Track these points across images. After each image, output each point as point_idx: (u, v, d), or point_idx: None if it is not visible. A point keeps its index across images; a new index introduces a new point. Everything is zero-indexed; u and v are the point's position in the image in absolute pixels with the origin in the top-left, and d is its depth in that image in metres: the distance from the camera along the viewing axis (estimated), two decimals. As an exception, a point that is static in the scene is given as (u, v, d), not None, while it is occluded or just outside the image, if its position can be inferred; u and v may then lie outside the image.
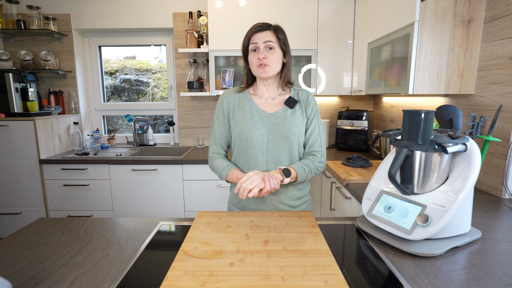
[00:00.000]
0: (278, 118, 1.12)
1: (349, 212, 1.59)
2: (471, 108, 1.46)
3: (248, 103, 1.15)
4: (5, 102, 2.35)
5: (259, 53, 1.09)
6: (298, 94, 1.18)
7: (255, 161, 1.12)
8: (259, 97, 1.18)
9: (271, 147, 1.12)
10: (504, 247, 0.83)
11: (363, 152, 2.47)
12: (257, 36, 1.09)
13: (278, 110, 1.14)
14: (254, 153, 1.12)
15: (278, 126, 1.11)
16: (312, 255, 0.75)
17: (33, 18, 2.54)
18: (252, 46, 1.10)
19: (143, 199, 2.34)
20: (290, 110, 1.14)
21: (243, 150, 1.14)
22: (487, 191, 1.35)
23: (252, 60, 1.11)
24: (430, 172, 0.84)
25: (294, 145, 1.13)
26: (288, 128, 1.11)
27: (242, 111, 1.15)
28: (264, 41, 1.08)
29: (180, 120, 2.86)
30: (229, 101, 1.17)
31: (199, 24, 2.50)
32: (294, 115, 1.13)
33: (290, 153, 1.13)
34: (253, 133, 1.11)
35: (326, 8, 2.33)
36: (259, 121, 1.12)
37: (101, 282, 0.68)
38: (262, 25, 1.10)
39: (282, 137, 1.11)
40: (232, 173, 1.12)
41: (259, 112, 1.14)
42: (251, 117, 1.13)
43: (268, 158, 1.12)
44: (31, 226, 0.99)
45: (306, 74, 2.42)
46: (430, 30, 1.41)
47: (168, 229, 0.97)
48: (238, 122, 1.14)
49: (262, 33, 1.09)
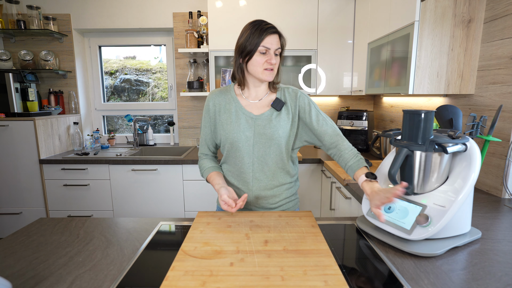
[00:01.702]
0: (264, 120, 1.10)
1: (349, 212, 1.59)
2: (471, 108, 1.46)
3: (234, 105, 1.13)
4: (5, 102, 2.35)
5: (270, 58, 1.04)
6: (284, 94, 1.14)
7: (242, 163, 1.12)
8: (245, 98, 1.14)
9: (257, 149, 1.11)
10: (504, 247, 0.83)
11: (363, 152, 2.47)
12: (271, 38, 1.04)
13: (264, 112, 1.11)
14: (240, 155, 1.12)
15: (264, 128, 1.10)
16: (312, 255, 0.75)
17: (33, 18, 2.54)
18: (263, 49, 1.04)
19: (143, 199, 2.34)
20: (276, 112, 1.11)
21: (231, 153, 1.14)
22: (487, 191, 1.35)
23: (259, 61, 1.05)
24: (430, 172, 0.84)
25: (280, 147, 1.11)
26: (273, 131, 1.09)
27: (228, 113, 1.13)
28: (276, 47, 1.05)
29: (180, 120, 2.86)
30: (215, 103, 1.15)
31: (199, 24, 2.50)
32: (280, 117, 1.11)
33: (276, 154, 1.12)
34: (239, 136, 1.10)
35: (326, 8, 2.33)
36: (244, 124, 1.11)
37: (101, 282, 0.68)
38: (274, 28, 1.05)
39: (268, 139, 1.10)
40: (210, 176, 1.15)
41: (245, 115, 1.12)
42: (236, 119, 1.11)
43: (254, 160, 1.11)
44: (31, 226, 0.99)
45: (306, 74, 2.42)
46: (430, 30, 1.41)
47: (168, 229, 0.97)
48: (225, 125, 1.12)
49: (274, 36, 1.05)
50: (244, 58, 1.06)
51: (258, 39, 1.02)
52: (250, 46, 1.03)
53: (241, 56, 1.06)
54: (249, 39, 1.03)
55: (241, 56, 1.07)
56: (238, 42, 1.07)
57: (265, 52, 1.04)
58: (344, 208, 1.68)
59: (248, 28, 1.05)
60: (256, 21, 1.06)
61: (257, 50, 1.03)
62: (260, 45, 1.02)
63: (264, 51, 1.03)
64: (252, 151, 1.11)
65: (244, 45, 1.04)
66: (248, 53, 1.04)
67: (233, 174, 1.17)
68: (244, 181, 1.14)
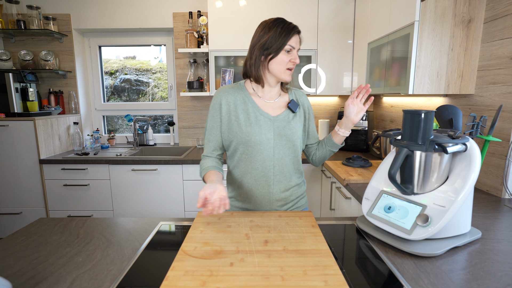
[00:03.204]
0: (282, 121, 1.10)
1: (349, 212, 1.59)
2: (471, 108, 1.46)
3: (250, 105, 1.09)
4: (5, 102, 2.35)
5: (295, 57, 1.05)
6: (295, 96, 1.17)
7: (263, 166, 1.08)
8: (259, 96, 1.12)
9: (277, 151, 1.09)
10: (504, 247, 0.83)
11: (363, 152, 2.47)
12: (295, 38, 1.05)
13: (281, 113, 1.11)
14: (261, 159, 1.08)
15: (284, 130, 1.09)
16: (312, 255, 0.75)
17: (33, 18, 2.54)
18: (289, 48, 1.04)
19: (143, 199, 2.34)
20: (292, 114, 1.12)
21: (248, 156, 1.09)
22: (487, 191, 1.35)
23: (284, 59, 1.04)
24: (430, 172, 0.84)
25: (297, 149, 1.12)
26: (293, 132, 1.10)
27: (245, 114, 1.08)
28: (299, 47, 1.07)
29: (180, 120, 2.86)
30: (229, 101, 1.09)
31: (199, 24, 2.50)
32: (296, 119, 1.13)
33: (294, 156, 1.13)
34: (261, 138, 1.07)
35: (326, 8, 2.33)
36: (264, 126, 1.08)
37: (101, 282, 0.68)
38: (298, 27, 1.06)
39: (288, 141, 1.09)
40: (208, 174, 1.05)
41: (263, 116, 1.09)
42: (256, 121, 1.07)
43: (275, 163, 1.09)
44: (31, 226, 0.99)
45: (306, 74, 2.42)
46: (430, 30, 1.41)
47: (168, 229, 0.97)
48: (243, 127, 1.07)
49: (298, 37, 1.06)
50: (268, 55, 1.05)
51: (286, 38, 1.02)
52: (277, 44, 1.02)
53: (264, 53, 1.05)
54: (276, 37, 1.02)
55: (263, 54, 1.05)
56: (261, 39, 1.04)
57: (289, 51, 1.04)
58: (344, 208, 1.68)
59: (272, 26, 1.03)
60: (280, 19, 1.05)
61: (283, 49, 1.03)
62: (287, 44, 1.03)
63: (289, 49, 1.04)
64: (273, 153, 1.09)
65: (270, 42, 1.03)
66: (274, 51, 1.03)
67: (251, 179, 1.11)
68: (265, 185, 1.10)
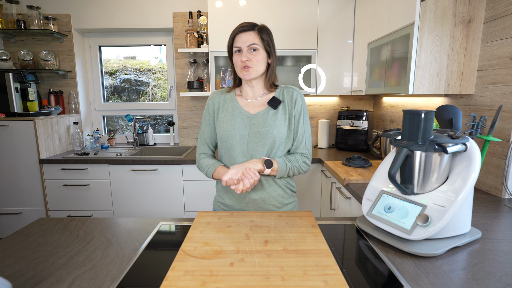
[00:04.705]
0: (259, 119, 1.12)
1: (349, 212, 1.59)
2: (471, 108, 1.46)
3: (232, 104, 1.16)
4: (5, 102, 2.35)
5: (242, 55, 1.08)
6: (283, 93, 1.15)
7: (236, 162, 1.13)
8: (243, 97, 1.18)
9: (251, 148, 1.11)
10: (504, 247, 0.83)
11: (363, 152, 2.47)
12: (240, 37, 1.08)
13: (261, 110, 1.13)
14: (235, 154, 1.13)
15: (259, 127, 1.11)
16: (312, 255, 0.75)
17: (33, 18, 2.54)
18: (236, 49, 1.10)
19: (143, 199, 2.34)
20: (272, 110, 1.12)
21: (225, 151, 1.16)
22: (487, 191, 1.35)
23: (236, 61, 1.11)
24: (430, 172, 0.84)
25: (274, 146, 1.11)
26: (268, 130, 1.10)
27: (225, 112, 1.15)
28: (248, 44, 1.07)
29: (180, 120, 2.86)
30: (215, 102, 1.19)
31: (199, 24, 2.50)
32: (276, 116, 1.12)
33: (269, 154, 1.12)
34: (234, 134, 1.12)
35: (326, 8, 2.33)
36: (240, 122, 1.12)
37: (101, 282, 0.68)
38: (247, 26, 1.08)
39: (262, 138, 1.10)
40: (218, 170, 1.14)
41: (242, 113, 1.14)
42: (233, 118, 1.13)
43: (248, 159, 1.12)
44: (31, 226, 0.99)
45: (306, 74, 2.42)
46: (430, 30, 1.41)
47: (168, 229, 0.97)
48: (221, 124, 1.15)
49: (245, 34, 1.07)
50: (231, 61, 1.15)
51: (231, 41, 1.11)
52: (228, 48, 1.13)
53: (230, 59, 1.16)
54: (228, 41, 1.13)
55: (230, 60, 1.16)
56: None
57: (239, 51, 1.10)
58: (344, 208, 1.68)
59: None
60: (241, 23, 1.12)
61: (233, 52, 1.12)
62: (234, 46, 1.10)
63: (238, 50, 1.10)
64: (246, 149, 1.12)
65: (227, 49, 1.14)
66: (230, 55, 1.14)
67: None
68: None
